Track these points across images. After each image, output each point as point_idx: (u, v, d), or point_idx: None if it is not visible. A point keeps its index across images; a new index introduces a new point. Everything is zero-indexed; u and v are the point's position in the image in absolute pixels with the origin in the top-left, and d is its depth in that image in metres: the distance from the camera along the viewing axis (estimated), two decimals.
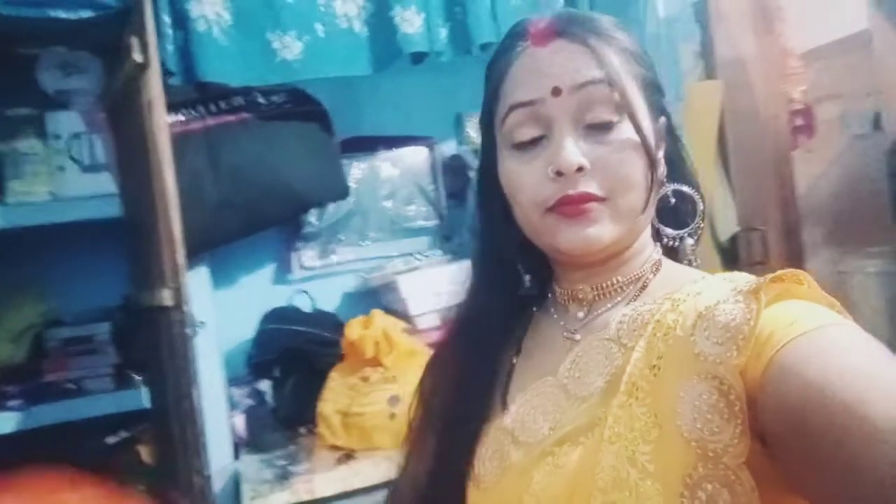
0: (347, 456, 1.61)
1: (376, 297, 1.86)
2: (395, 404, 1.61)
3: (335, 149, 1.75)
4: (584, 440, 0.56)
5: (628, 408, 0.54)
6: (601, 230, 0.59)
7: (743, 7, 1.29)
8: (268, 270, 1.91)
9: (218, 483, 1.57)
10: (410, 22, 1.51)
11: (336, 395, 1.65)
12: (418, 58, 1.61)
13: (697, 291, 0.57)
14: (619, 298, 0.64)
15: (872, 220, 1.48)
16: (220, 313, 1.72)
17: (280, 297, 1.86)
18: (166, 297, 1.29)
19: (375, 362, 1.65)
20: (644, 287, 0.64)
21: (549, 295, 0.70)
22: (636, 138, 0.59)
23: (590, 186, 0.58)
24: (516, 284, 0.70)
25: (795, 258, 1.60)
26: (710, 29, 1.32)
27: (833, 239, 1.61)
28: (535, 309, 0.71)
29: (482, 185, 0.70)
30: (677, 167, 0.67)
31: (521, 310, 0.72)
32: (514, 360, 0.68)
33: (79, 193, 1.47)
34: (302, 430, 1.72)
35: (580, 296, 0.66)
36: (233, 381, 1.78)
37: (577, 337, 0.64)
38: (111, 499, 0.63)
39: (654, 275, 0.64)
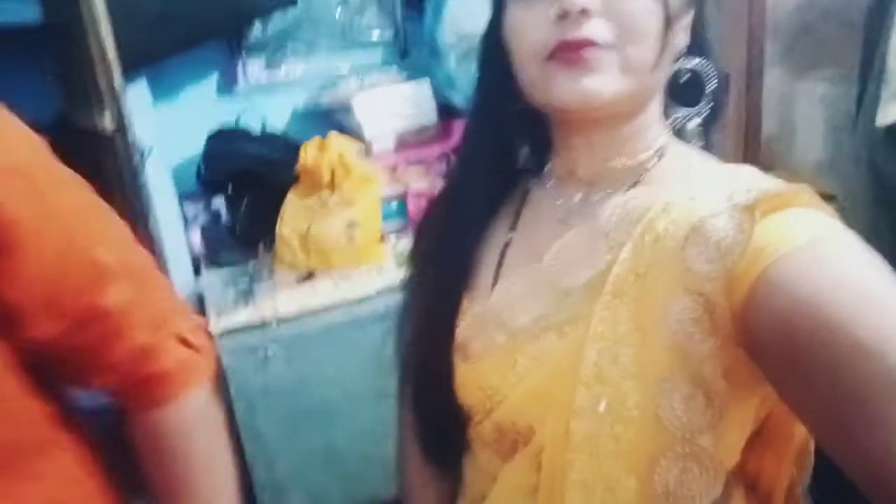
0: (308, 275, 1.66)
1: (329, 116, 1.79)
2: (353, 228, 1.63)
3: None
4: (568, 331, 0.57)
5: (613, 309, 0.54)
6: (602, 82, 0.54)
7: None
8: (211, 84, 1.79)
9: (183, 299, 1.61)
10: None
11: (294, 217, 1.65)
12: None
13: (691, 196, 0.55)
14: (618, 182, 0.61)
15: (834, 43, 1.46)
16: (164, 129, 1.63)
17: (225, 112, 1.76)
18: (106, 120, 1.20)
19: (332, 186, 1.65)
20: (646, 172, 0.60)
21: (547, 169, 0.66)
22: None
23: (595, 31, 0.53)
24: (512, 155, 0.67)
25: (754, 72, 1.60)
26: None
27: (791, 57, 1.59)
28: (532, 182, 0.68)
29: (485, 45, 0.65)
30: (698, 39, 0.61)
31: (516, 183, 0.69)
32: (510, 236, 0.66)
33: None
34: (260, 247, 1.75)
35: (578, 174, 0.63)
36: (184, 196, 1.74)
37: (571, 221, 0.62)
38: None
39: (659, 159, 0.60)
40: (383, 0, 1.84)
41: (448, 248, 0.68)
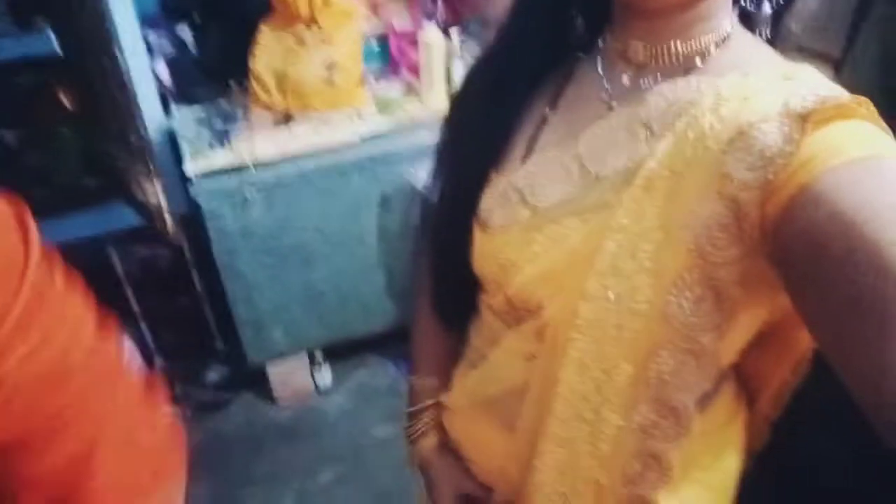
0: (286, 117, 1.60)
1: None
2: (332, 70, 1.55)
3: None
4: (590, 218, 0.56)
5: (640, 202, 0.53)
6: None
7: None
8: None
9: (153, 139, 1.55)
10: None
11: (268, 52, 1.55)
12: None
13: (745, 95, 0.52)
14: (671, 69, 0.57)
15: None
16: None
17: None
18: None
19: (309, 20, 1.53)
20: (703, 60, 0.56)
21: (600, 45, 0.62)
22: None
23: None
24: (563, 25, 0.62)
25: None
26: None
27: None
28: (581, 56, 0.64)
29: None
30: None
31: (564, 56, 0.65)
32: (548, 112, 0.63)
33: None
34: (232, 83, 1.65)
35: (630, 54, 0.58)
36: (146, 21, 1.60)
37: (615, 104, 0.59)
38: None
39: (718, 48, 0.56)
40: None
41: (484, 116, 0.65)
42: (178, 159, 1.56)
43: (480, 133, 0.65)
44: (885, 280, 0.40)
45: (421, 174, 1.58)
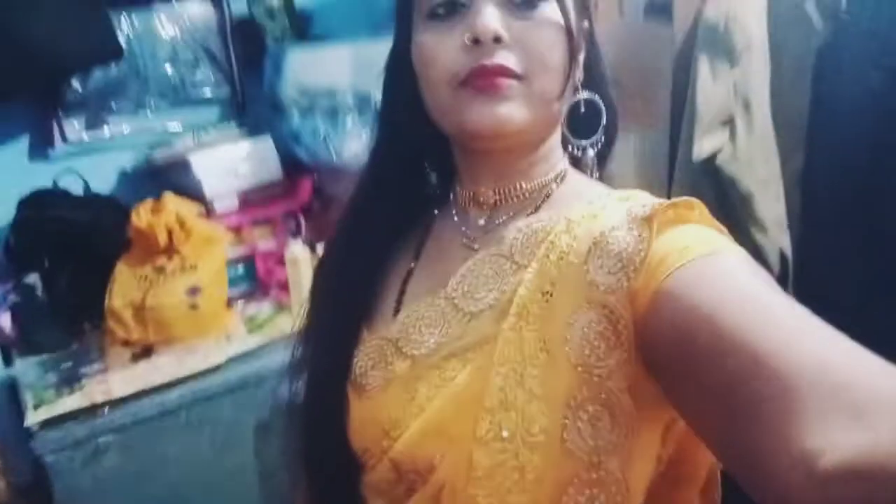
0: (145, 351, 1.50)
1: (163, 177, 1.66)
2: (195, 295, 1.51)
3: None
4: (472, 357, 0.56)
5: (518, 331, 0.54)
6: (514, 109, 0.56)
7: None
8: (23, 145, 1.60)
9: None
10: None
11: (126, 288, 1.50)
12: None
13: (593, 214, 0.56)
14: (520, 206, 0.62)
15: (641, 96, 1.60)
16: None
17: (41, 176, 1.58)
18: None
19: (170, 251, 1.52)
20: (547, 197, 0.62)
21: (451, 197, 0.67)
22: (559, 21, 0.56)
23: (507, 60, 0.55)
24: (416, 182, 0.66)
25: None
26: None
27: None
28: (435, 212, 0.68)
29: (391, 69, 0.65)
30: (593, 76, 0.64)
31: (420, 211, 0.68)
32: (412, 265, 0.65)
33: None
34: (86, 326, 1.55)
35: (482, 199, 0.63)
36: None
37: (476, 246, 0.62)
38: None
39: (559, 185, 0.63)
40: (217, 55, 1.77)
41: (347, 277, 0.66)
42: (18, 416, 1.38)
43: (347, 292, 0.65)
44: (753, 363, 0.41)
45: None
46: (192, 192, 1.60)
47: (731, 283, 0.47)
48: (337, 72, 1.63)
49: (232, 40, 1.77)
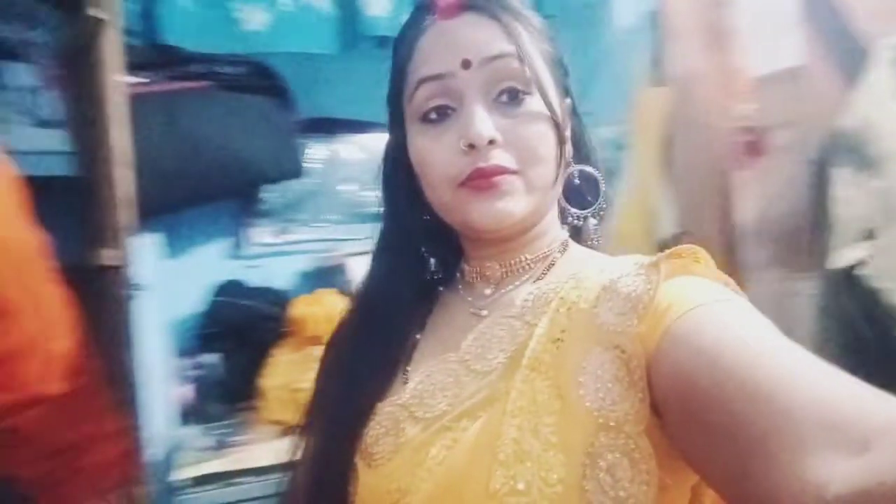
0: (292, 429, 1.61)
1: (327, 277, 1.87)
2: None
3: (293, 127, 1.75)
4: (482, 414, 0.55)
5: (531, 382, 0.54)
6: (513, 204, 0.59)
7: (696, 23, 1.35)
8: (221, 244, 1.90)
9: (157, 450, 1.57)
10: (377, 4, 1.53)
11: (278, 370, 1.66)
12: (384, 42, 1.63)
13: (600, 269, 0.58)
14: (526, 276, 0.64)
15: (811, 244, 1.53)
16: (172, 282, 1.72)
17: (231, 271, 1.86)
18: (107, 258, 1.28)
19: (319, 341, 1.67)
20: (551, 265, 0.64)
21: (458, 274, 0.69)
22: (545, 112, 0.59)
23: (502, 159, 0.58)
24: (421, 268, 0.69)
25: (734, 272, 1.65)
26: (663, 40, 1.37)
27: (777, 261, 1.66)
28: (441, 288, 0.70)
29: (389, 166, 0.68)
30: (581, 148, 0.68)
31: (426, 292, 0.70)
32: (418, 337, 0.67)
33: (31, 148, 1.44)
34: (251, 404, 1.73)
35: (488, 273, 0.65)
36: (182, 352, 1.77)
37: (484, 313, 0.63)
38: None
39: (562, 254, 0.65)
40: None
41: (359, 355, 0.67)
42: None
43: (357, 369, 0.66)
44: (754, 401, 0.42)
45: None
46: (347, 291, 1.77)
47: (734, 328, 0.47)
48: None
49: None
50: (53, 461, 0.68)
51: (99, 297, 1.37)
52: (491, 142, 0.58)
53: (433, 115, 0.61)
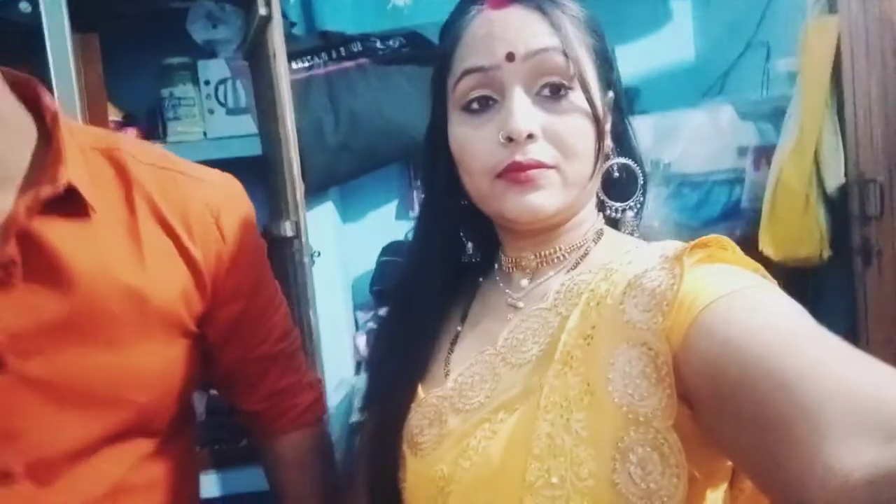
0: None
1: None
2: None
3: None
4: (519, 407, 0.57)
5: (563, 377, 0.55)
6: (548, 198, 0.60)
7: None
8: (391, 206, 2.05)
9: (338, 394, 1.78)
10: None
11: None
12: None
13: (629, 260, 0.58)
14: (561, 266, 0.65)
15: None
16: (349, 244, 1.91)
17: (401, 231, 2.00)
18: (287, 229, 1.46)
19: None
20: (586, 255, 0.65)
21: (496, 264, 0.71)
22: (586, 107, 0.60)
23: (539, 153, 0.59)
24: (460, 252, 0.70)
25: None
26: None
27: None
28: (481, 279, 0.72)
29: (429, 150, 0.69)
30: (623, 141, 0.67)
31: (466, 278, 0.72)
32: (459, 328, 0.69)
33: (225, 133, 1.67)
34: None
35: (524, 263, 0.67)
36: (360, 305, 1.97)
37: (520, 304, 0.65)
38: None
39: (596, 243, 0.66)
40: None
41: (402, 344, 0.70)
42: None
43: (401, 359, 0.69)
44: (781, 389, 0.42)
45: None
46: None
47: (761, 315, 0.47)
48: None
49: None
50: (268, 402, 0.84)
51: (283, 263, 1.58)
52: (530, 136, 0.59)
53: (475, 106, 0.62)
